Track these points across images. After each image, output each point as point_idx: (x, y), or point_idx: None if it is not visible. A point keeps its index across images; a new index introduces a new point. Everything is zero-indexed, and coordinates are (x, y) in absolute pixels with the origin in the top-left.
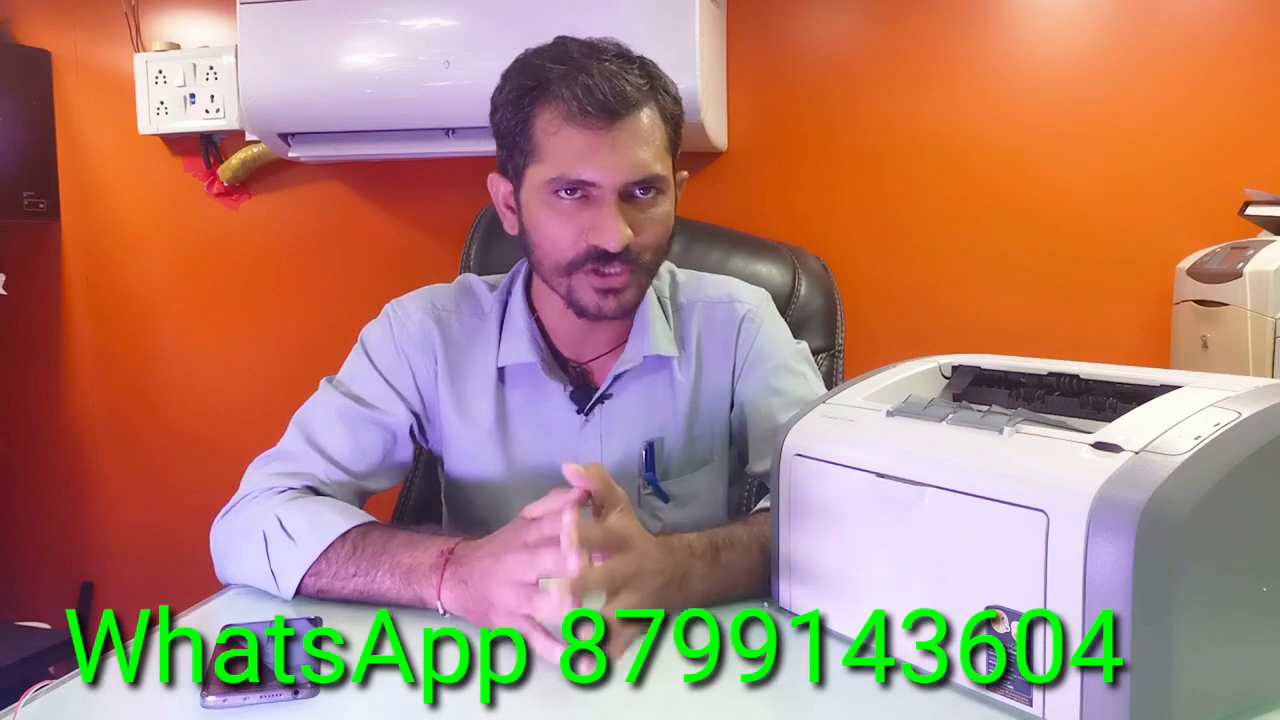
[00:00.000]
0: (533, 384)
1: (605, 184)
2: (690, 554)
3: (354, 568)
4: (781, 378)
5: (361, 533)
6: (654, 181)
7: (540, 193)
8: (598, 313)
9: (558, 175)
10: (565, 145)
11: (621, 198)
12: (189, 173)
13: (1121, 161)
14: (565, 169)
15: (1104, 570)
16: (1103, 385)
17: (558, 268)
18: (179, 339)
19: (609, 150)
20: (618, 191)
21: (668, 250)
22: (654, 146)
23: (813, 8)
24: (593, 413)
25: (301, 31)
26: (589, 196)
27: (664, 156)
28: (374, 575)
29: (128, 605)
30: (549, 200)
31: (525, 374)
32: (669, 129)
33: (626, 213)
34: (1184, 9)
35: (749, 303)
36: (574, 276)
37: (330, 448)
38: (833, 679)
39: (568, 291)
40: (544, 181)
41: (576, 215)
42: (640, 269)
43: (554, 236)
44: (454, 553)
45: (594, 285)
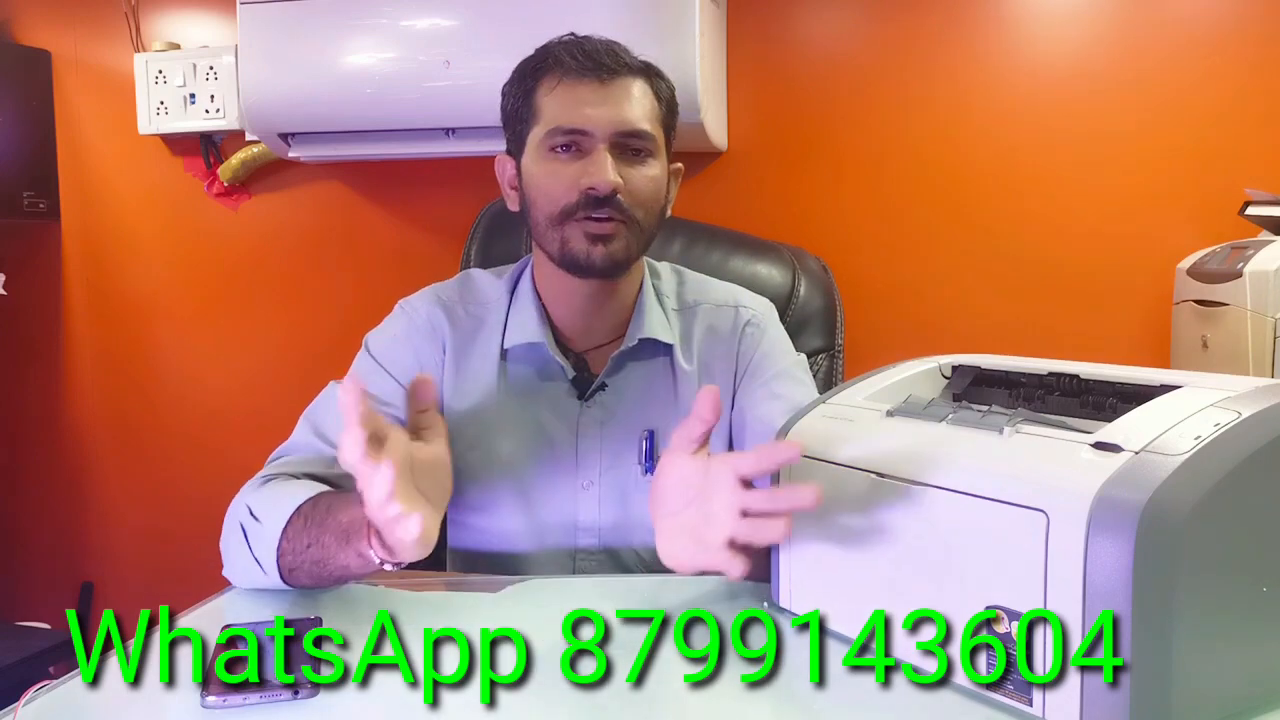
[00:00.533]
0: (536, 366)
1: (597, 132)
2: None
3: (307, 538)
4: (784, 384)
5: (314, 502)
6: (644, 137)
7: (539, 151)
8: (588, 261)
9: (554, 127)
10: (562, 99)
11: (613, 151)
12: (189, 173)
13: (1121, 161)
14: (561, 119)
15: (1104, 570)
16: (1103, 385)
17: (551, 219)
18: (179, 339)
19: (601, 102)
20: (609, 140)
21: (658, 222)
22: (645, 109)
23: (813, 8)
24: (593, 399)
25: (301, 31)
26: (582, 148)
27: (655, 124)
28: (322, 541)
29: (128, 605)
30: (546, 156)
31: (529, 356)
32: (662, 108)
33: (618, 165)
34: (1184, 9)
35: (754, 309)
36: (566, 226)
37: (335, 436)
38: (833, 679)
39: (560, 244)
40: (542, 138)
41: (570, 166)
42: (631, 224)
43: (549, 189)
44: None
45: (585, 231)
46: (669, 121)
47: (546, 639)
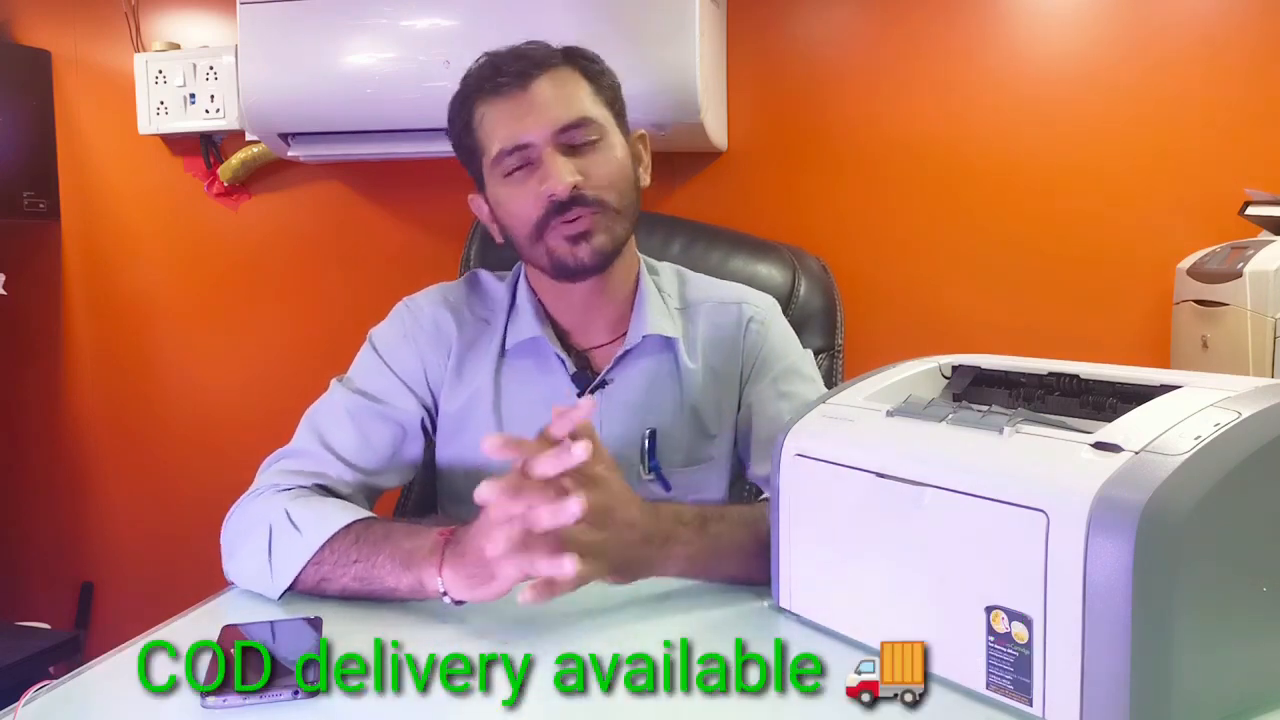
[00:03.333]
0: (536, 360)
1: (536, 139)
2: (676, 519)
3: (355, 554)
4: (791, 382)
5: (365, 524)
6: (584, 124)
7: (495, 179)
8: (575, 263)
9: (498, 151)
10: (495, 122)
11: (561, 151)
12: (189, 173)
13: (1121, 161)
14: (500, 141)
15: (1104, 570)
16: (1103, 385)
17: (530, 237)
18: (179, 339)
19: (529, 109)
20: (551, 143)
21: (634, 198)
22: (576, 96)
23: (813, 8)
24: (594, 396)
25: (301, 31)
26: (531, 160)
27: (594, 105)
28: (375, 560)
29: (128, 605)
30: (503, 182)
31: (530, 351)
32: (593, 85)
33: (571, 162)
34: (1184, 9)
35: (758, 305)
36: (545, 237)
37: (339, 445)
38: (832, 679)
39: (546, 255)
40: (493, 167)
41: (527, 181)
42: (604, 211)
43: (516, 210)
44: (454, 534)
45: (563, 235)
46: (610, 96)
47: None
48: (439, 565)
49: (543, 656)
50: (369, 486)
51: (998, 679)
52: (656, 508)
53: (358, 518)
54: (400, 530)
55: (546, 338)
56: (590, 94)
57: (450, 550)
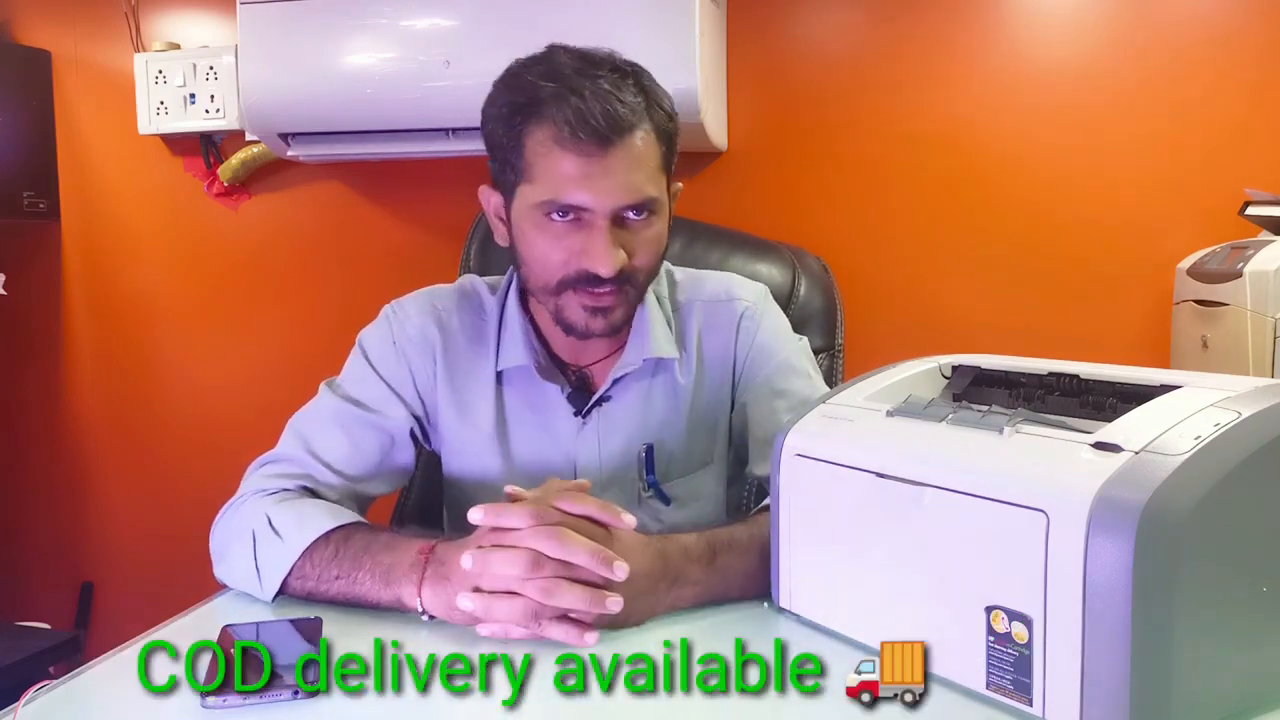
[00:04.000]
0: (531, 386)
1: (598, 209)
2: (685, 556)
3: (336, 570)
4: (786, 378)
5: (345, 533)
6: (648, 204)
7: (531, 213)
8: (586, 331)
9: (549, 198)
10: (557, 168)
11: (614, 221)
12: (189, 173)
13: (1121, 161)
14: (557, 193)
15: (1104, 570)
16: (1103, 385)
17: (547, 287)
18: (179, 339)
19: (601, 175)
20: (610, 216)
21: (659, 268)
22: (648, 169)
23: (813, 8)
24: (591, 415)
25: (301, 31)
26: (581, 220)
27: (657, 177)
28: (355, 576)
29: (128, 605)
30: (540, 221)
31: (523, 376)
32: (663, 147)
33: (619, 235)
34: (1184, 10)
35: (748, 299)
36: (563, 296)
37: (325, 452)
38: (832, 679)
39: (556, 309)
40: (535, 203)
41: (568, 237)
42: (631, 289)
43: (544, 257)
44: (434, 551)
45: (583, 304)
46: (670, 159)
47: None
48: (418, 584)
49: (543, 656)
50: (357, 494)
51: (998, 679)
52: (664, 548)
53: (338, 524)
54: (379, 543)
55: (536, 366)
56: (658, 163)
57: (431, 569)
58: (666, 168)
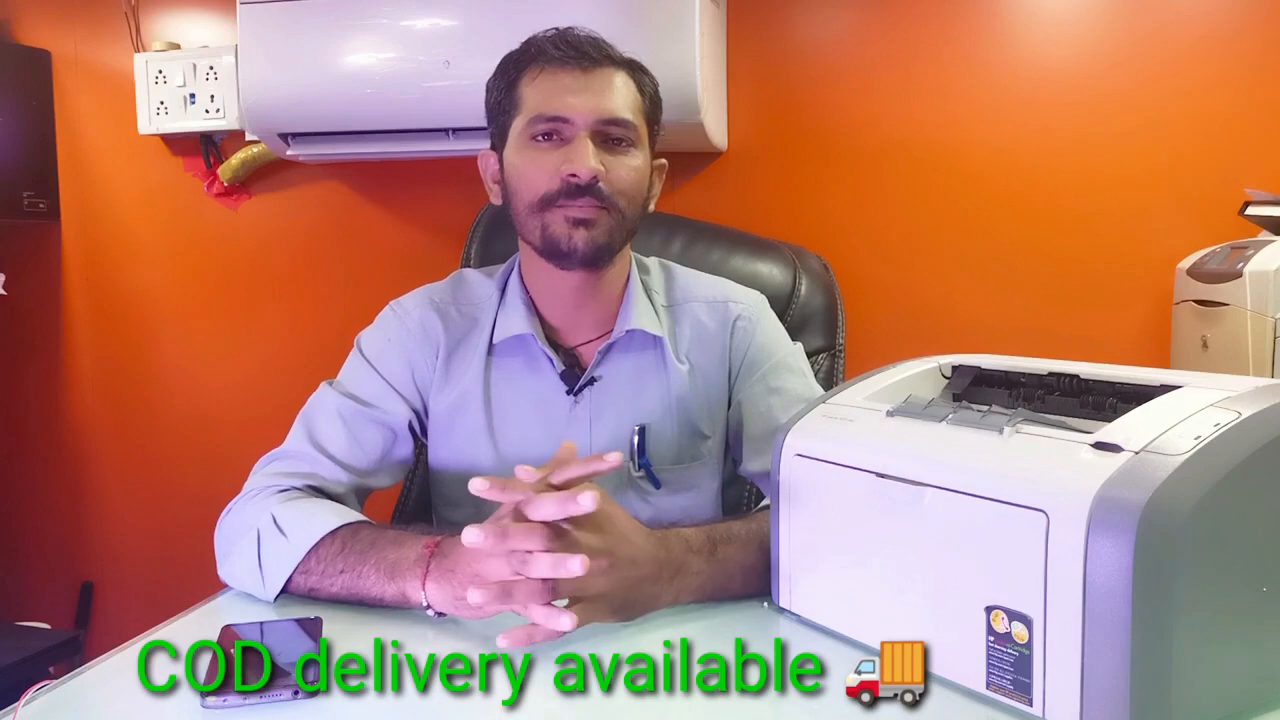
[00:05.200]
0: (524, 359)
1: (578, 120)
2: (686, 548)
3: (341, 564)
4: (780, 377)
5: (351, 530)
6: (625, 126)
7: (520, 139)
8: (570, 246)
9: (535, 114)
10: (544, 87)
11: (595, 140)
12: (189, 173)
13: (1121, 161)
14: (542, 106)
15: (1104, 570)
16: (1103, 385)
17: (532, 207)
18: (179, 339)
19: (583, 90)
20: (590, 129)
21: (642, 210)
22: (627, 100)
23: (813, 8)
24: (582, 394)
25: (301, 31)
26: (564, 136)
27: (638, 114)
28: (360, 571)
29: (128, 605)
30: (527, 145)
31: (518, 349)
32: (645, 101)
33: (599, 153)
34: (1183, 9)
35: (744, 303)
36: (547, 213)
37: (331, 446)
38: (832, 679)
39: (541, 230)
40: (524, 126)
41: (552, 154)
42: (612, 210)
43: (531, 177)
44: (439, 546)
45: (566, 216)
46: (652, 115)
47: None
48: (423, 578)
49: (543, 657)
50: (361, 486)
51: (998, 679)
52: (665, 537)
53: (344, 522)
54: (386, 539)
55: (534, 334)
56: (639, 103)
57: (435, 563)
58: (648, 121)
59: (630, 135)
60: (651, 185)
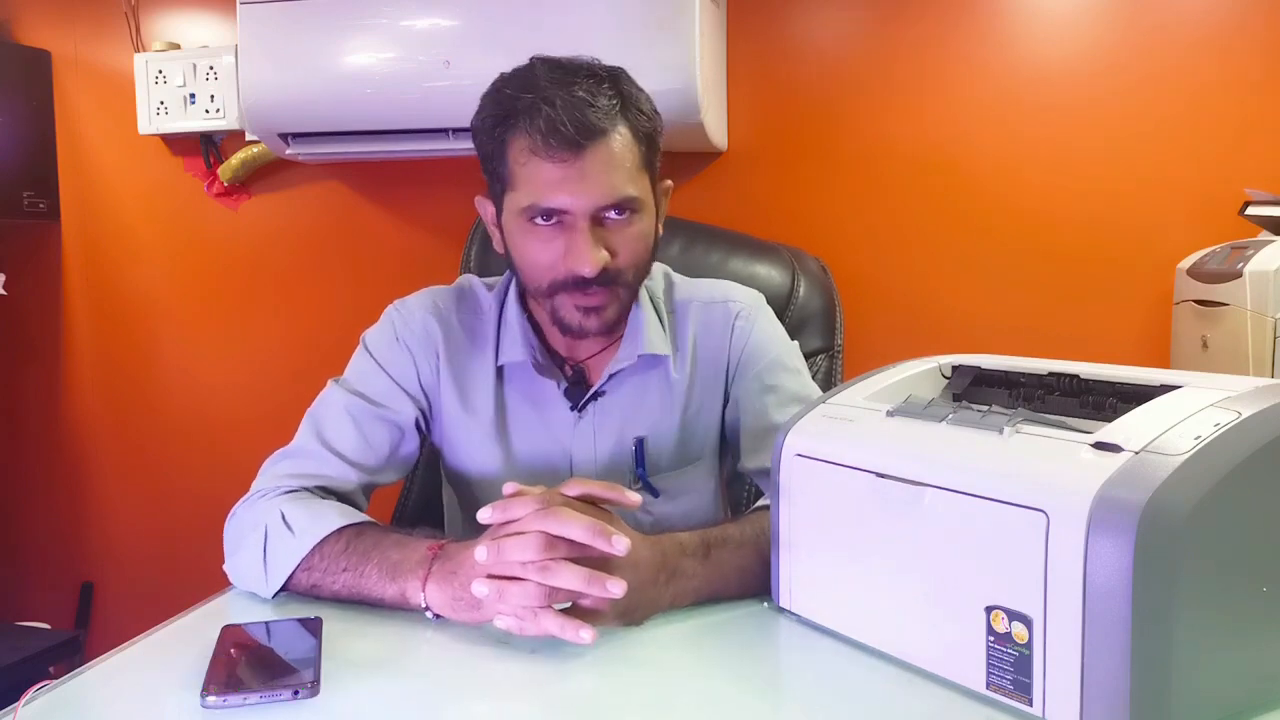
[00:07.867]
0: (529, 381)
1: (576, 210)
2: (681, 551)
3: (345, 562)
4: (776, 374)
5: (357, 530)
6: (626, 203)
7: (517, 219)
8: (581, 331)
9: (530, 204)
10: (535, 176)
11: (595, 222)
12: (189, 173)
13: (1121, 162)
14: (536, 198)
15: (1104, 570)
16: (1103, 385)
17: (540, 290)
18: (179, 339)
19: (577, 179)
20: (589, 217)
21: (650, 264)
22: (625, 169)
23: (813, 8)
24: (586, 409)
25: (301, 31)
26: (563, 223)
27: (638, 176)
28: (363, 570)
29: (128, 605)
30: (526, 227)
31: (522, 372)
32: (642, 147)
33: (601, 235)
34: (1183, 10)
35: (743, 302)
36: (556, 298)
37: (341, 445)
38: (831, 679)
39: (551, 311)
40: (519, 209)
41: (553, 240)
42: (621, 287)
43: (533, 261)
44: (442, 549)
45: (575, 304)
46: (652, 158)
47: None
48: (423, 580)
49: (543, 656)
50: (369, 483)
51: (998, 679)
52: (659, 541)
53: (351, 522)
54: (390, 540)
55: (534, 361)
56: (637, 163)
57: (438, 565)
58: (648, 166)
59: (633, 205)
60: (658, 225)
